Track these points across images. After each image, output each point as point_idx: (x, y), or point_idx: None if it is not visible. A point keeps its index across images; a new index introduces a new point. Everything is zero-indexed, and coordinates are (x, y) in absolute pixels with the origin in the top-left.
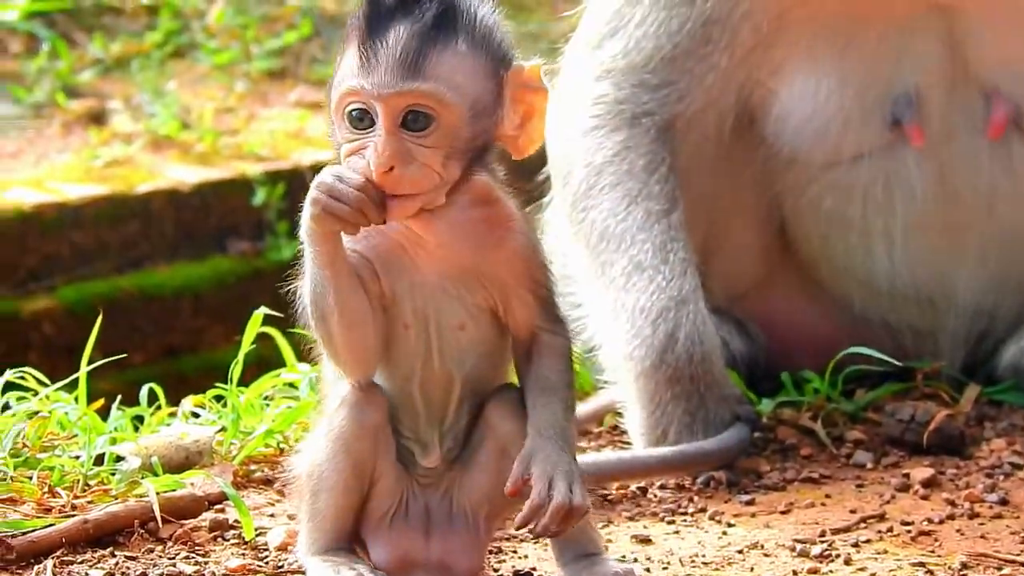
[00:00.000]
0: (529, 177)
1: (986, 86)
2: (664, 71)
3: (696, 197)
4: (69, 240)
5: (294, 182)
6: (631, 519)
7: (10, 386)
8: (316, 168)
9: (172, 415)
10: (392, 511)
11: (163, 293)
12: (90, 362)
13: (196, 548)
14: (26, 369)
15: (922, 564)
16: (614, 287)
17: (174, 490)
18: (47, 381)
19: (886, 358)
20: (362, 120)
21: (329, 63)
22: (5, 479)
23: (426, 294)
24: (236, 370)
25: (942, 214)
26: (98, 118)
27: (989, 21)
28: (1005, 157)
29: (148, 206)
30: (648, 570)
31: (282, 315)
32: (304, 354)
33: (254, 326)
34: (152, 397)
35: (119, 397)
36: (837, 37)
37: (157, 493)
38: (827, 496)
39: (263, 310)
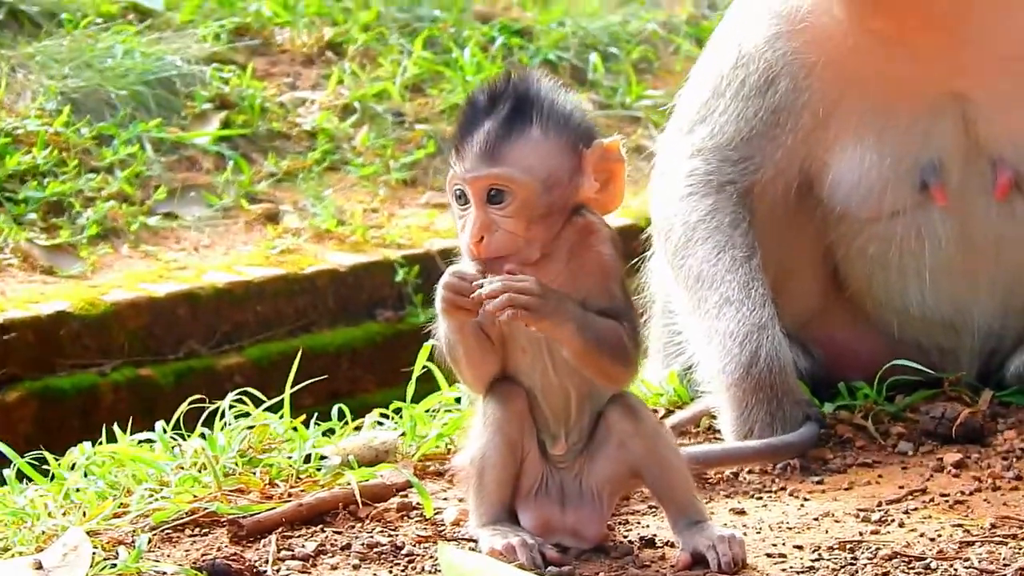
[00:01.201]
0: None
1: (993, 156)
2: (743, 149)
3: (769, 247)
4: (254, 310)
5: (427, 264)
6: (727, 496)
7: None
8: (443, 252)
9: (357, 428)
10: (535, 487)
11: (327, 351)
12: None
13: (388, 524)
14: (247, 389)
15: (960, 525)
16: (708, 317)
17: (368, 480)
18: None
19: (921, 367)
20: (460, 198)
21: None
22: (234, 474)
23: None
24: (410, 388)
25: (961, 259)
26: (273, 218)
27: (994, 105)
28: (1009, 213)
29: (314, 283)
30: (745, 534)
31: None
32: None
33: (423, 355)
34: (340, 415)
35: (315, 415)
36: (877, 119)
37: (356, 482)
38: (879, 476)
39: (432, 342)
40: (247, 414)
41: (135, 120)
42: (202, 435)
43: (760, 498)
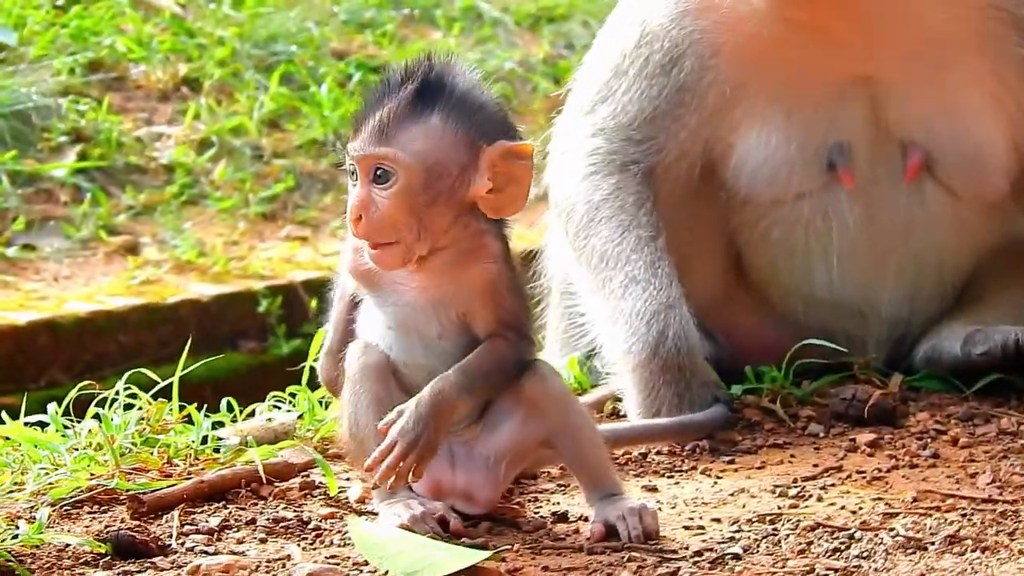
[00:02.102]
0: None
1: (902, 139)
2: (646, 129)
3: (671, 230)
4: (116, 340)
5: (290, 295)
6: (638, 476)
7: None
8: (306, 284)
9: (251, 415)
10: None
11: (191, 380)
12: None
13: (292, 502)
14: (142, 370)
15: (880, 499)
16: (613, 297)
17: (270, 458)
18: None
19: (832, 345)
20: (353, 175)
21: (309, 208)
22: (131, 453)
23: (407, 312)
24: (305, 373)
25: (869, 242)
26: (133, 249)
27: (902, 89)
28: (919, 195)
29: (177, 313)
30: (660, 509)
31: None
32: None
33: (318, 338)
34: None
35: (205, 406)
36: (785, 102)
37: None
38: (792, 456)
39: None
40: (136, 407)
41: None
42: (96, 416)
43: (671, 476)
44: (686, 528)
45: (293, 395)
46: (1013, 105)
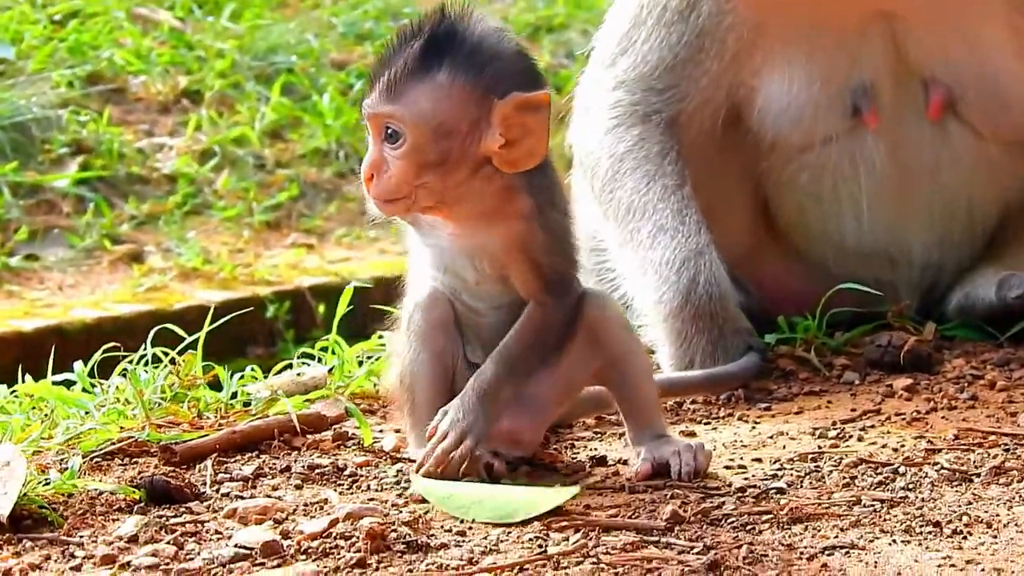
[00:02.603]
0: None
1: (924, 76)
2: (667, 77)
3: (697, 180)
4: (124, 346)
5: (297, 300)
6: (673, 424)
7: None
8: (313, 289)
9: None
10: None
11: None
12: None
13: (326, 452)
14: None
15: (922, 436)
16: (642, 248)
17: (302, 410)
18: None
19: (867, 289)
20: (369, 132)
21: (314, 217)
22: (161, 406)
23: (447, 256)
24: (334, 327)
25: (896, 184)
26: (137, 258)
27: (922, 24)
28: (943, 134)
29: (184, 319)
30: None
31: None
32: None
33: (346, 297)
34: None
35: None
36: (804, 42)
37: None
38: (828, 402)
39: (354, 283)
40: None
41: None
42: (123, 373)
43: (708, 423)
44: (727, 468)
45: (324, 349)
46: None
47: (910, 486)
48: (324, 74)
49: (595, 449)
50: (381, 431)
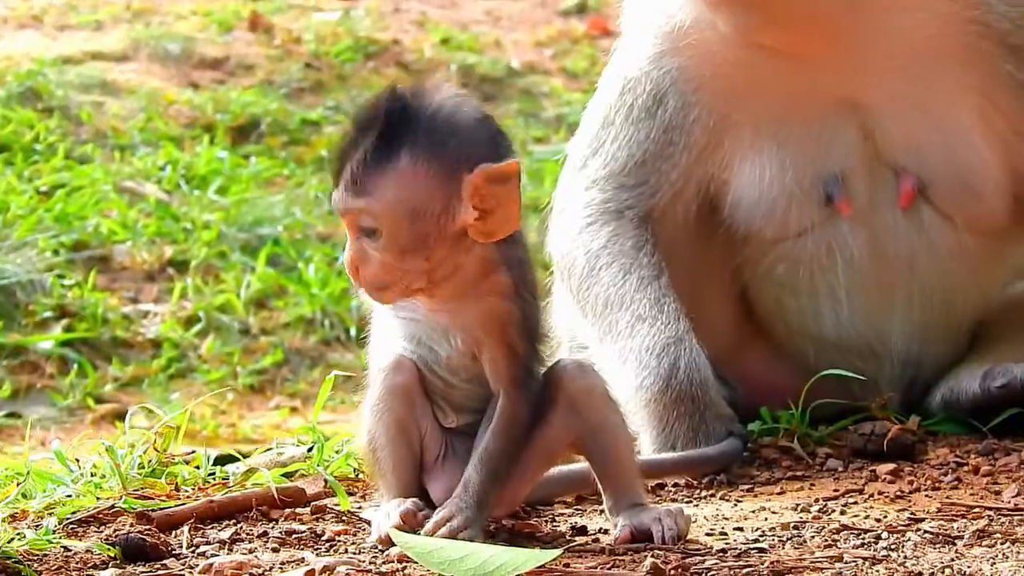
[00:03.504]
0: None
1: (894, 165)
2: (637, 173)
3: (676, 275)
4: None
5: None
6: (655, 503)
7: None
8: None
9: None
10: (441, 454)
11: None
12: None
13: (304, 521)
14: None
15: (905, 510)
16: (620, 338)
17: (282, 484)
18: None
19: (851, 374)
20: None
21: (298, 381)
22: (139, 479)
23: (420, 329)
24: (316, 411)
25: (875, 274)
26: (120, 416)
27: (890, 113)
28: (918, 223)
29: None
30: None
31: None
32: None
33: (326, 387)
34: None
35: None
36: (773, 133)
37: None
38: (811, 485)
39: (334, 374)
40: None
41: None
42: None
43: (690, 501)
44: (708, 535)
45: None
46: (1004, 125)
47: (893, 547)
48: (310, 246)
49: (575, 521)
50: (360, 507)
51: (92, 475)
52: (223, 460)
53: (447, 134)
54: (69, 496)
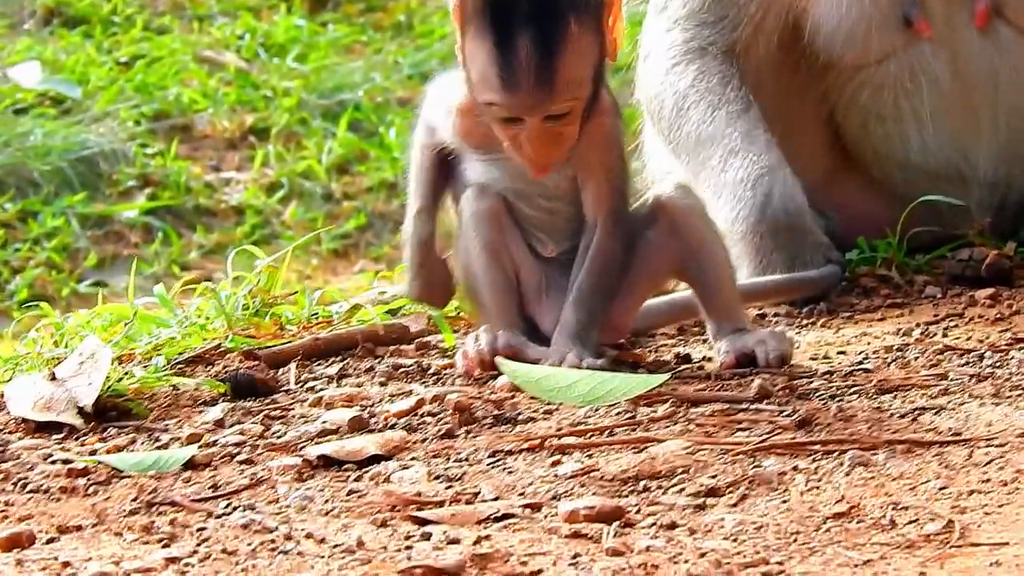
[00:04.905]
0: None
1: None
2: (716, 8)
3: (765, 109)
4: None
5: None
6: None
7: None
8: None
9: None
10: (544, 285)
11: None
12: None
13: (410, 356)
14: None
15: (1007, 330)
16: (714, 173)
17: (385, 321)
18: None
19: (949, 199)
20: (510, 121)
21: (382, 245)
22: (243, 319)
23: (519, 172)
24: None
25: (959, 97)
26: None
27: None
28: (996, 42)
29: None
30: None
31: None
32: None
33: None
34: None
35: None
36: None
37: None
38: (911, 311)
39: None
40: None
41: (59, 197)
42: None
43: (793, 330)
44: (812, 359)
45: None
46: None
47: (997, 364)
48: (390, 111)
49: (679, 350)
50: (463, 344)
51: (196, 317)
52: (326, 301)
53: None
54: (174, 338)
